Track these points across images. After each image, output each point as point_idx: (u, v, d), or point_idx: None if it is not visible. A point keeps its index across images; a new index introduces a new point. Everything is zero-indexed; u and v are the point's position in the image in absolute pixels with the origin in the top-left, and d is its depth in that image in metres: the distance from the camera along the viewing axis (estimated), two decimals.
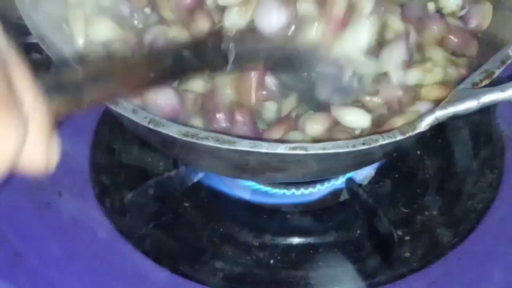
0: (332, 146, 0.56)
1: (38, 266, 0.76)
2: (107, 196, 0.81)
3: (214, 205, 0.81)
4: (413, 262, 0.75)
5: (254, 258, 0.76)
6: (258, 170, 0.64)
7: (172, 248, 0.77)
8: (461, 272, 0.75)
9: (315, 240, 0.78)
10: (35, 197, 0.81)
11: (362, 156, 0.62)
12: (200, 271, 0.75)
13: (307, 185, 0.79)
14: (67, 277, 0.75)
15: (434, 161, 0.84)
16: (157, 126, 0.57)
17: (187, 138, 0.56)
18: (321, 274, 0.75)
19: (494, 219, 0.79)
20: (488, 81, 0.61)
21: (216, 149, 0.56)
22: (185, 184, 0.80)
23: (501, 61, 0.62)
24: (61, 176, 0.82)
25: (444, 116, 0.58)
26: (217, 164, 0.65)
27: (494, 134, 0.86)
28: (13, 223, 0.79)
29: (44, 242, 0.77)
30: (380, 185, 0.82)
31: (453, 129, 0.85)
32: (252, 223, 0.80)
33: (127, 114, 0.58)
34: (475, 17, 0.74)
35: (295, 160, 0.59)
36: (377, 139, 0.57)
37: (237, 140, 0.56)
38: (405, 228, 0.78)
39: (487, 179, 0.82)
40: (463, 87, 0.60)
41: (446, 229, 0.78)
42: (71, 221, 0.79)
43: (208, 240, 0.77)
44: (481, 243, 0.77)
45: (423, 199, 0.80)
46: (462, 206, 0.80)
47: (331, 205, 0.81)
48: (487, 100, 0.57)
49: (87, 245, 0.77)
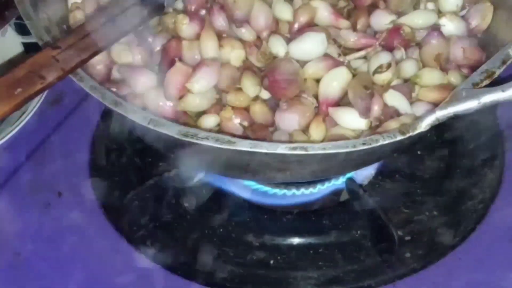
0: (332, 146, 0.56)
1: (38, 266, 0.76)
2: (107, 196, 0.81)
3: (214, 205, 0.80)
4: (414, 262, 0.75)
5: (254, 258, 0.76)
6: (258, 170, 0.64)
7: (172, 248, 0.77)
8: (461, 273, 0.75)
9: (315, 240, 0.78)
10: (35, 197, 0.81)
11: (362, 156, 0.62)
12: (200, 271, 0.75)
13: (307, 185, 0.79)
14: (66, 277, 0.75)
15: (434, 161, 0.84)
16: (157, 126, 0.57)
17: (187, 138, 0.56)
18: (321, 274, 0.75)
19: (494, 219, 0.79)
20: (488, 81, 0.60)
21: (216, 149, 0.56)
22: (185, 184, 0.80)
23: (502, 61, 0.62)
24: (61, 176, 0.82)
25: (445, 116, 0.58)
26: (217, 164, 0.65)
27: (495, 134, 0.86)
28: (13, 223, 0.79)
29: (44, 242, 0.77)
30: (380, 185, 0.82)
31: (453, 129, 0.85)
32: (252, 223, 0.80)
33: (127, 114, 0.58)
34: (475, 17, 0.74)
35: (295, 160, 0.59)
36: (377, 139, 0.57)
37: (237, 141, 0.56)
38: (405, 228, 0.78)
39: (487, 179, 0.82)
40: (463, 87, 0.60)
41: (447, 229, 0.78)
42: (70, 221, 0.79)
43: (208, 240, 0.77)
44: (481, 243, 0.77)
45: (423, 199, 0.80)
46: (462, 206, 0.80)
47: (332, 205, 0.81)
48: (488, 100, 0.57)
49: (87, 245, 0.77)
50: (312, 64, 0.68)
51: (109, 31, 0.63)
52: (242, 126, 0.66)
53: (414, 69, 0.69)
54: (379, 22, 0.73)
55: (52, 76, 0.57)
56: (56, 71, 0.58)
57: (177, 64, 0.67)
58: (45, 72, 0.57)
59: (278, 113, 0.66)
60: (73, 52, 0.60)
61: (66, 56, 0.59)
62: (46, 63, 0.58)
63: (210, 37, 0.69)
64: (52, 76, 0.57)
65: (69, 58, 0.59)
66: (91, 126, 0.87)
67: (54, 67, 0.58)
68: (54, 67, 0.58)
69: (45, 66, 0.58)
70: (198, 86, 0.66)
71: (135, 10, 0.66)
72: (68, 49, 0.59)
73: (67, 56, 0.59)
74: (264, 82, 0.68)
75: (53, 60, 0.58)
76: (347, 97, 0.66)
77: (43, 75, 0.57)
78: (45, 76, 0.57)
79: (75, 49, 0.60)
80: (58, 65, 0.58)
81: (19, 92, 0.55)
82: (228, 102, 0.67)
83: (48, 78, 0.57)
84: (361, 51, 0.71)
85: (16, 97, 0.55)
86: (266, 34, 0.70)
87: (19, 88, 0.55)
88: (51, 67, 0.58)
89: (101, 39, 0.62)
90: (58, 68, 0.58)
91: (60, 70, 0.58)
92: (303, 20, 0.71)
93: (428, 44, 0.70)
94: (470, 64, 0.70)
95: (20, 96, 0.55)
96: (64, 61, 0.59)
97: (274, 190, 0.79)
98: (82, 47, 0.60)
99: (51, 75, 0.57)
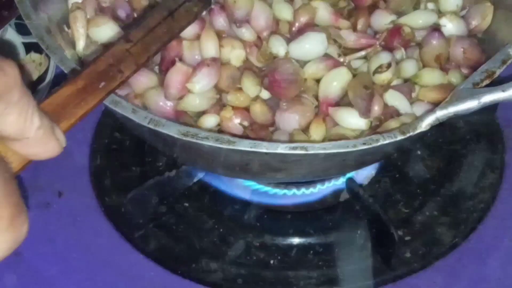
0: (333, 146, 0.56)
1: (38, 266, 0.76)
2: (107, 196, 0.81)
3: (214, 205, 0.80)
4: (414, 262, 0.75)
5: (254, 258, 0.76)
6: (258, 170, 0.64)
7: (172, 248, 0.77)
8: (461, 272, 0.75)
9: (315, 240, 0.78)
10: (35, 197, 0.81)
11: (363, 156, 0.62)
12: (200, 271, 0.75)
13: (307, 185, 0.79)
14: (67, 277, 0.75)
15: (435, 161, 0.84)
16: (157, 126, 0.57)
17: (187, 138, 0.56)
18: (321, 274, 0.75)
19: (495, 219, 0.79)
20: (488, 81, 0.61)
21: (216, 149, 0.56)
22: (185, 184, 0.80)
23: (502, 61, 0.62)
24: (61, 176, 0.82)
25: (445, 116, 0.58)
26: (217, 164, 0.65)
27: (495, 134, 0.86)
28: None
29: (44, 242, 0.77)
30: (380, 185, 0.82)
31: (453, 129, 0.85)
32: (252, 223, 0.79)
33: (127, 114, 0.58)
34: (476, 17, 0.74)
35: (295, 160, 0.59)
36: (378, 139, 0.57)
37: (237, 140, 0.56)
38: (406, 228, 0.78)
39: (487, 179, 0.82)
40: (463, 87, 0.60)
41: (447, 229, 0.78)
42: (71, 221, 0.79)
43: (208, 240, 0.77)
44: (482, 243, 0.77)
45: (423, 199, 0.80)
46: (463, 206, 0.80)
47: (332, 205, 0.81)
48: (488, 100, 0.57)
49: (87, 245, 0.77)
50: (312, 64, 0.68)
51: (170, 26, 0.63)
52: (242, 126, 0.66)
53: (414, 69, 0.69)
54: (379, 22, 0.73)
55: (128, 70, 0.58)
56: (131, 65, 0.58)
57: (177, 64, 0.67)
58: (122, 65, 0.57)
59: (278, 113, 0.66)
60: (142, 46, 0.60)
61: (137, 49, 0.59)
62: (122, 56, 0.57)
63: (210, 37, 0.69)
64: (128, 70, 0.58)
65: (140, 52, 0.59)
66: (91, 126, 0.87)
67: (128, 61, 0.58)
68: (129, 60, 0.58)
69: (122, 59, 0.57)
70: (198, 86, 0.66)
71: (189, 5, 0.66)
72: (138, 43, 0.59)
73: (138, 49, 0.59)
74: (264, 82, 0.68)
75: (127, 53, 0.58)
76: (347, 97, 0.67)
77: (121, 69, 0.57)
78: (122, 70, 0.57)
79: (144, 42, 0.60)
80: (132, 59, 0.58)
81: (103, 86, 0.55)
82: (228, 102, 0.67)
83: (125, 72, 0.57)
84: (361, 51, 0.71)
85: (101, 91, 0.54)
86: (266, 34, 0.71)
87: (103, 82, 0.55)
88: (127, 61, 0.58)
89: (165, 33, 0.63)
90: (132, 61, 0.58)
91: (134, 64, 0.58)
92: (303, 20, 0.72)
93: (428, 44, 0.71)
94: (470, 64, 0.70)
95: (104, 90, 0.55)
96: (137, 54, 0.59)
97: (274, 190, 0.79)
98: (149, 41, 0.61)
99: (128, 68, 0.57)
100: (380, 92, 0.66)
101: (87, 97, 0.52)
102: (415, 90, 0.68)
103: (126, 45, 0.58)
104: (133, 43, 0.59)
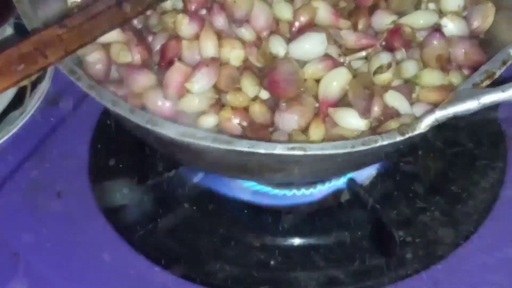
0: (331, 146, 0.56)
1: (37, 266, 0.76)
2: (106, 197, 0.81)
3: (214, 206, 0.80)
4: (415, 263, 0.75)
5: (255, 259, 0.76)
6: (256, 170, 0.63)
7: (171, 249, 0.77)
8: (463, 273, 0.74)
9: (316, 241, 0.78)
10: (35, 197, 0.81)
11: (362, 157, 0.62)
12: (200, 272, 0.75)
13: (307, 186, 0.79)
14: (66, 277, 0.75)
15: (436, 162, 0.84)
16: (155, 126, 0.57)
17: (185, 138, 0.56)
18: (322, 275, 0.75)
19: (496, 219, 0.78)
20: (489, 81, 0.60)
21: (214, 149, 0.56)
22: (185, 184, 0.80)
23: (502, 61, 0.62)
24: (60, 176, 0.82)
25: (444, 116, 0.58)
26: (215, 165, 0.65)
27: (496, 134, 0.86)
28: (12, 223, 0.79)
29: (43, 242, 0.77)
30: (381, 185, 0.82)
31: (454, 129, 0.85)
32: (252, 224, 0.79)
33: (125, 114, 0.58)
34: (477, 17, 0.73)
35: (294, 160, 0.58)
36: (377, 140, 0.57)
37: (235, 140, 0.56)
38: (407, 229, 0.77)
39: (488, 180, 0.82)
40: (463, 87, 0.60)
41: (448, 230, 0.77)
42: (70, 222, 0.79)
43: (208, 241, 0.77)
44: (483, 243, 0.76)
45: (424, 200, 0.80)
46: (464, 207, 0.79)
47: (332, 206, 0.81)
48: (488, 100, 0.57)
49: (86, 246, 0.77)
50: (312, 64, 0.68)
51: (114, 15, 0.63)
52: (242, 126, 0.66)
53: (414, 69, 0.69)
54: (380, 22, 0.73)
55: (54, 56, 0.57)
56: (59, 51, 0.57)
57: (176, 63, 0.67)
58: (48, 51, 0.56)
59: (278, 113, 0.66)
60: (77, 33, 0.59)
61: (70, 36, 0.58)
62: (51, 41, 0.57)
63: (210, 37, 0.69)
64: (54, 55, 0.57)
65: (73, 39, 0.58)
66: (91, 126, 0.87)
67: (57, 47, 0.57)
68: (58, 46, 0.57)
69: (50, 44, 0.56)
70: (197, 86, 0.66)
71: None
72: (73, 30, 0.58)
73: (71, 36, 0.58)
74: (264, 82, 0.68)
75: (58, 39, 0.57)
76: (347, 97, 0.66)
77: (46, 54, 0.56)
78: (47, 55, 0.56)
79: (79, 30, 0.59)
80: (61, 45, 0.57)
81: (22, 68, 0.54)
82: (228, 102, 0.67)
83: (50, 58, 0.56)
84: (361, 52, 0.71)
85: (17, 73, 0.54)
86: (266, 34, 0.70)
87: (22, 64, 0.54)
88: (55, 47, 0.57)
89: (107, 23, 0.62)
90: (61, 48, 0.57)
91: (62, 50, 0.57)
92: (303, 20, 0.71)
93: (429, 45, 0.70)
94: (471, 65, 0.70)
95: (21, 73, 0.54)
96: (69, 41, 0.58)
97: (274, 190, 0.79)
98: (87, 29, 0.59)
99: (54, 54, 0.56)
100: (380, 93, 0.66)
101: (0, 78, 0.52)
102: (416, 90, 0.68)
103: (59, 31, 0.57)
104: (67, 29, 0.58)
